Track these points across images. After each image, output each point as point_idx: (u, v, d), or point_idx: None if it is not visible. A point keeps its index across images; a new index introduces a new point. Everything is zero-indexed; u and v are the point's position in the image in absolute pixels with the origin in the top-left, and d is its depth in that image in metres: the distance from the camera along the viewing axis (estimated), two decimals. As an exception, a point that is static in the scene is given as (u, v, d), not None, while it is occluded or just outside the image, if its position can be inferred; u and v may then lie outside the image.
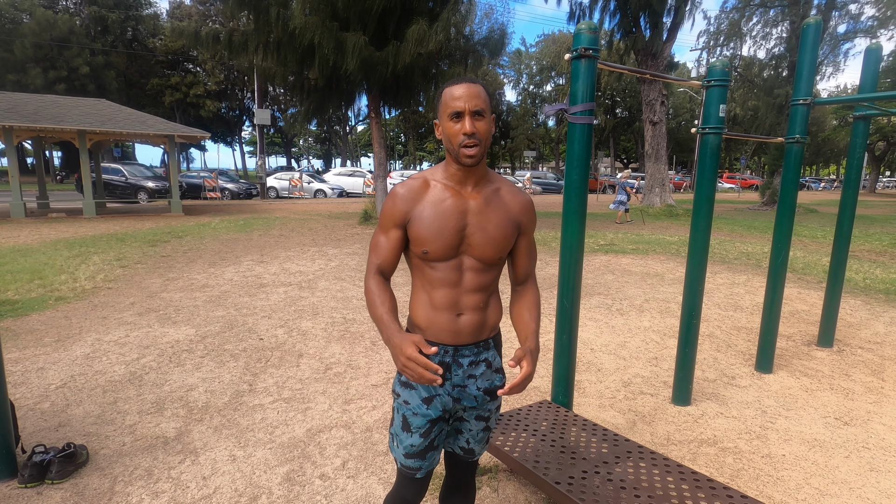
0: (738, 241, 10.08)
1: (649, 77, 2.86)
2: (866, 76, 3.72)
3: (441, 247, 1.26)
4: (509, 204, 1.33)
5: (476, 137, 1.20)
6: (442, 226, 1.25)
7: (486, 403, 1.38)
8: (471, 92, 1.20)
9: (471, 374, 1.34)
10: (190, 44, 10.74)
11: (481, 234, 1.28)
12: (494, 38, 11.75)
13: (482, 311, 1.33)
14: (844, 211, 3.99)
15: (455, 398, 1.34)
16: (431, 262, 1.29)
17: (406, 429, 1.33)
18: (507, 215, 1.32)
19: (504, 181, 1.37)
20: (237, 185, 21.91)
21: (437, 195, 1.28)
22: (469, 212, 1.28)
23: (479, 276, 1.31)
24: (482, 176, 1.32)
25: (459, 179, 1.29)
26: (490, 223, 1.29)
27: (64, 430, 2.57)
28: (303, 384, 3.18)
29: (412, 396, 1.33)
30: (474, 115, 1.20)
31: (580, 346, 3.91)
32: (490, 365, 1.37)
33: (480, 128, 1.21)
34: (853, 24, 19.61)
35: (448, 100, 1.21)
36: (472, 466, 1.49)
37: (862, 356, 3.88)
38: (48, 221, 11.27)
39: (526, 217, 1.37)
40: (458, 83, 1.22)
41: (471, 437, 1.40)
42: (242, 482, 2.18)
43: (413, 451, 1.33)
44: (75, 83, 29.08)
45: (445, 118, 1.23)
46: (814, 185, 43.88)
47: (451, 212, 1.26)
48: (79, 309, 4.66)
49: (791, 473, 2.33)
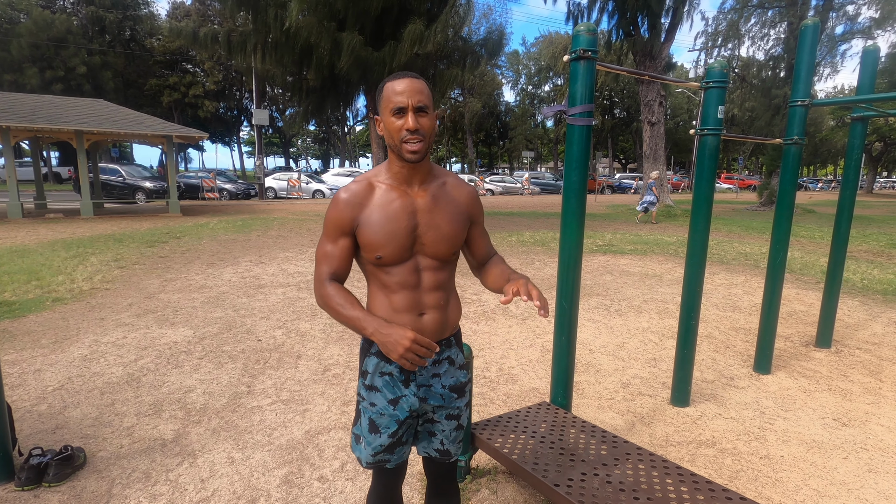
0: (736, 241, 10.10)
1: (648, 78, 2.87)
2: (864, 77, 3.73)
3: (394, 250, 1.23)
4: (457, 198, 1.32)
5: (420, 133, 1.18)
6: (393, 229, 1.22)
7: (454, 401, 1.37)
8: (413, 87, 1.17)
9: (435, 373, 1.34)
10: (188, 44, 10.77)
11: (434, 232, 1.26)
12: (493, 39, 11.77)
13: (444, 308, 1.32)
14: (842, 212, 4.00)
15: (421, 398, 1.33)
16: (386, 267, 1.26)
17: (374, 430, 1.32)
18: (457, 209, 1.30)
19: (448, 174, 1.35)
20: (235, 185, 21.88)
21: (383, 197, 1.25)
22: (418, 211, 1.26)
23: (436, 275, 1.29)
24: (427, 172, 1.29)
25: (405, 178, 1.26)
26: (441, 220, 1.27)
27: (61, 433, 2.56)
28: (301, 386, 3.17)
29: (378, 398, 1.31)
30: (417, 111, 1.17)
31: (579, 348, 3.91)
32: (453, 362, 1.37)
33: (424, 124, 1.18)
34: (850, 24, 19.68)
35: (390, 95, 1.18)
36: (451, 468, 1.48)
37: (860, 357, 3.89)
38: (45, 222, 11.23)
39: (474, 208, 1.37)
40: (400, 78, 1.19)
41: (444, 438, 1.39)
42: (241, 484, 2.17)
43: (381, 449, 1.32)
44: (72, 83, 29.00)
45: (387, 114, 1.19)
46: (811, 186, 44.02)
47: (400, 213, 1.23)
48: (76, 310, 4.65)
49: (789, 475, 2.33)
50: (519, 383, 3.27)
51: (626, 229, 11.81)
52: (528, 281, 1.19)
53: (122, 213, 13.68)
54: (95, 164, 15.03)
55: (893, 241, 10.38)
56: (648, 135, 16.61)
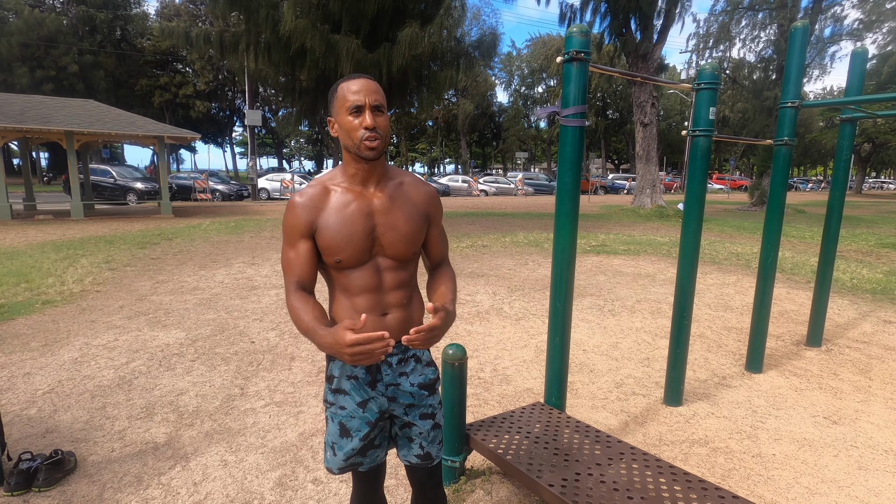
0: (727, 241, 10.18)
1: (639, 80, 2.89)
2: (853, 79, 3.78)
3: (353, 253, 1.23)
4: (414, 197, 1.31)
5: (377, 132, 1.19)
6: (350, 231, 1.22)
7: (426, 399, 1.35)
8: (369, 87, 1.19)
9: (402, 372, 1.32)
10: (180, 44, 10.68)
11: (392, 233, 1.26)
12: (486, 41, 11.79)
13: (406, 307, 1.31)
14: (832, 212, 4.04)
15: (390, 398, 1.32)
16: (346, 270, 1.25)
17: (345, 434, 1.31)
18: (414, 208, 1.29)
19: (406, 174, 1.34)
20: (228, 186, 21.74)
21: (339, 200, 1.24)
22: (375, 212, 1.25)
23: (397, 274, 1.28)
24: (383, 173, 1.29)
25: (361, 179, 1.26)
26: (399, 220, 1.26)
27: (51, 437, 2.53)
28: (295, 387, 3.15)
29: (347, 402, 1.30)
30: (374, 110, 1.19)
31: (573, 348, 3.92)
32: (419, 360, 1.36)
33: (381, 122, 1.20)
34: (838, 27, 19.92)
35: (346, 94, 1.19)
36: (434, 473, 1.45)
37: (850, 355, 3.93)
38: (35, 223, 11.11)
39: (433, 207, 1.35)
40: (354, 79, 1.21)
41: (423, 441, 1.37)
42: (234, 487, 2.16)
43: (353, 453, 1.31)
44: (63, 83, 28.74)
45: (343, 113, 1.20)
46: (801, 186, 44.48)
47: (357, 215, 1.23)
48: (66, 312, 4.60)
49: (781, 473, 2.35)
50: (513, 384, 3.28)
51: (620, 230, 11.87)
52: (446, 313, 1.14)
53: (113, 215, 13.56)
54: (86, 164, 14.89)
55: (882, 241, 10.51)
56: (641, 136, 16.71)
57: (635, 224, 13.38)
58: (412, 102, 12.52)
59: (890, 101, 3.11)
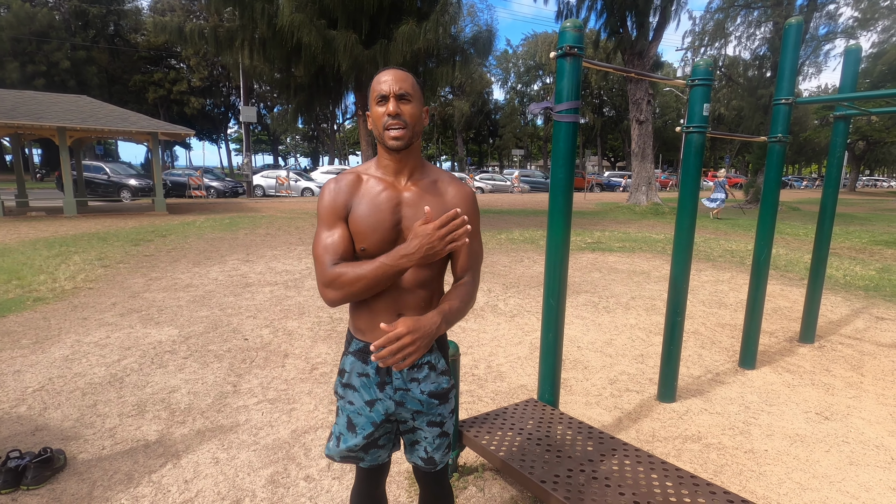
0: (722, 238, 10.21)
1: (634, 76, 2.88)
2: (846, 77, 3.78)
3: (377, 242, 1.20)
4: (447, 195, 1.28)
5: (401, 119, 1.17)
6: (377, 220, 1.20)
7: (435, 407, 1.32)
8: (397, 76, 1.18)
9: (413, 378, 1.28)
10: (174, 39, 10.57)
11: None
12: (482, 38, 11.75)
13: (423, 310, 1.25)
14: (825, 209, 4.06)
15: (398, 402, 1.29)
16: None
17: (351, 429, 1.31)
18: (444, 208, 1.24)
19: (443, 173, 1.32)
20: (223, 183, 21.61)
21: (370, 188, 1.24)
22: (404, 204, 1.23)
23: (418, 273, 1.24)
24: (417, 167, 1.27)
25: (393, 171, 1.25)
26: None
27: (41, 435, 2.51)
28: (288, 385, 3.14)
29: (356, 398, 1.30)
30: (400, 98, 1.18)
31: (567, 344, 3.92)
32: (434, 367, 1.31)
33: (406, 110, 1.18)
34: (833, 25, 19.98)
35: (375, 85, 1.20)
36: (440, 477, 1.44)
37: (842, 352, 3.96)
38: (27, 220, 11.01)
39: (465, 208, 1.27)
40: (386, 69, 1.21)
41: (427, 446, 1.35)
42: (225, 485, 2.15)
43: (355, 448, 1.31)
44: (55, 78, 28.49)
45: (373, 104, 1.21)
46: (796, 184, 44.67)
47: (385, 205, 1.22)
48: (58, 310, 4.56)
49: (773, 468, 2.36)
50: (507, 380, 3.28)
51: (615, 227, 11.89)
52: (416, 322, 1.08)
53: (106, 212, 13.46)
54: (79, 161, 14.77)
55: (875, 238, 10.58)
56: (637, 133, 16.73)
57: (631, 221, 13.41)
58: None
59: (883, 98, 3.11)
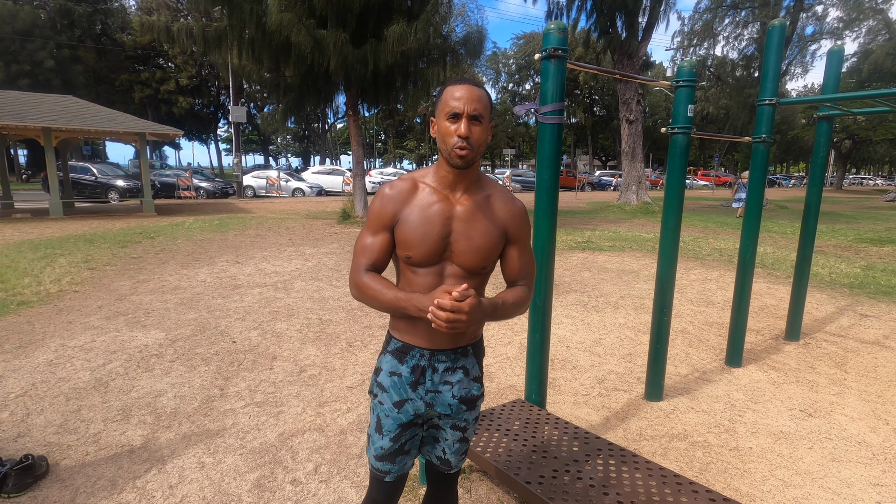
0: (711, 237, 10.30)
1: (619, 77, 2.90)
2: (829, 77, 3.84)
3: (424, 252, 1.23)
4: (498, 212, 1.29)
5: (469, 142, 1.18)
6: (426, 231, 1.23)
7: (462, 413, 1.34)
8: (471, 95, 1.18)
9: (447, 381, 1.31)
10: (162, 39, 10.43)
11: (465, 242, 1.25)
12: (473, 38, 11.74)
13: None
14: (809, 208, 4.11)
15: (428, 403, 1.31)
16: (414, 267, 1.27)
17: (379, 430, 1.33)
18: (493, 223, 1.28)
19: (497, 187, 1.33)
20: (212, 183, 21.43)
21: (424, 199, 1.26)
22: (455, 218, 1.25)
23: (461, 282, 1.26)
24: (473, 181, 1.29)
25: (449, 183, 1.26)
26: (475, 231, 1.25)
27: (23, 441, 2.47)
28: (276, 387, 3.12)
29: (386, 398, 1.32)
30: (472, 119, 1.18)
31: (556, 344, 3.94)
32: (468, 373, 1.33)
33: (475, 132, 1.19)
34: (819, 25, 20.24)
35: (448, 99, 1.19)
36: (450, 479, 1.46)
37: (826, 349, 4.01)
38: (12, 222, 10.84)
39: (515, 226, 1.31)
40: (461, 84, 1.20)
41: (447, 448, 1.37)
42: (211, 490, 2.13)
43: (383, 453, 1.33)
44: (39, 78, 28.03)
45: (442, 117, 1.20)
46: (784, 183, 45.22)
47: (436, 217, 1.24)
48: (43, 313, 4.50)
49: (757, 466, 2.39)
50: (496, 381, 3.28)
51: (605, 226, 11.95)
52: (473, 301, 1.12)
53: (93, 213, 13.29)
54: (65, 162, 14.58)
55: (861, 236, 10.73)
56: (627, 133, 16.82)
57: (621, 220, 13.49)
58: (398, 99, 12.43)
59: (866, 99, 3.16)
